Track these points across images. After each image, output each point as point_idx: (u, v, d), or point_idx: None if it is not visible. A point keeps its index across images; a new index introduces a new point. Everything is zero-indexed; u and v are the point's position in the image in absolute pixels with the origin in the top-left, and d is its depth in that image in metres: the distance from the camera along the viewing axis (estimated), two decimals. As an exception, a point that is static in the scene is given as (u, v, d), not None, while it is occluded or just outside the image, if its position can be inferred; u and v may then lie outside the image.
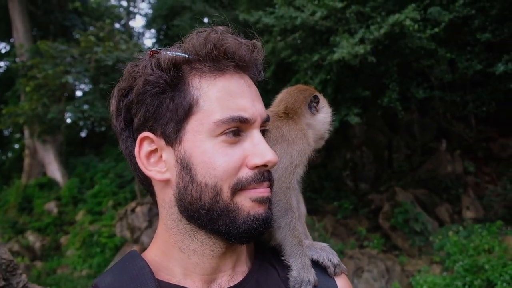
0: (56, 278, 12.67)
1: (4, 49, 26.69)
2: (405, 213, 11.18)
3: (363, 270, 9.63)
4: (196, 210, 1.17)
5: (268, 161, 1.17)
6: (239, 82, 1.21)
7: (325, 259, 1.44)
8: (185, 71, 1.19)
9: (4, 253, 1.94)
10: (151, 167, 1.21)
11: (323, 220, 12.14)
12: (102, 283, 1.20)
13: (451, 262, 9.00)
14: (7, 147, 25.66)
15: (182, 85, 1.18)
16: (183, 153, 1.17)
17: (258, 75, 1.31)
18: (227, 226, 1.16)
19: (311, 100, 1.70)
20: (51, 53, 14.17)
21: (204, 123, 1.15)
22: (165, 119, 1.17)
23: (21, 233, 15.70)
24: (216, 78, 1.19)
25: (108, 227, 14.38)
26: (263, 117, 1.23)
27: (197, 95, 1.17)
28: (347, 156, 14.57)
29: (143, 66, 1.20)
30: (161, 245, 1.28)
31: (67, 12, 20.70)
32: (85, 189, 17.27)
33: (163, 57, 1.18)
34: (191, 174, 1.16)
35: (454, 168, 12.83)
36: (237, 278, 1.28)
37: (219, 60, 1.19)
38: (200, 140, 1.15)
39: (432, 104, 13.52)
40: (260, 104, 1.24)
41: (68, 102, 15.42)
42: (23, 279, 2.01)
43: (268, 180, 1.21)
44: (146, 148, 1.21)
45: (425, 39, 9.40)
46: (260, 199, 1.18)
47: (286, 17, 9.79)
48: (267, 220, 1.20)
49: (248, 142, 1.18)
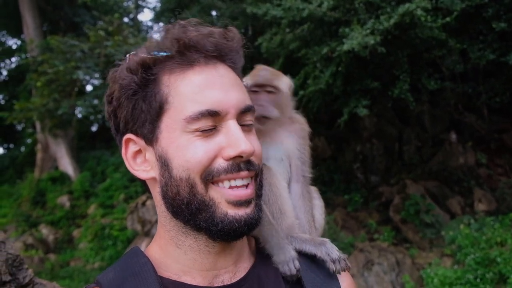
0: (69, 271, 12.88)
1: (15, 44, 26.99)
2: (415, 205, 11.09)
3: (373, 263, 9.59)
4: (177, 205, 1.17)
5: (242, 151, 1.13)
6: (210, 73, 1.18)
7: (323, 253, 1.40)
8: (157, 70, 1.18)
9: (11, 248, 1.97)
10: (137, 167, 1.24)
11: (333, 213, 12.10)
12: (104, 279, 1.20)
13: (462, 255, 8.92)
14: (20, 142, 26.04)
15: (154, 85, 1.18)
16: (161, 150, 1.18)
17: (237, 62, 1.27)
18: (207, 222, 1.15)
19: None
20: (61, 48, 14.28)
21: (176, 120, 1.15)
22: (141, 120, 1.19)
23: (34, 227, 15.97)
24: (185, 72, 1.17)
25: (119, 220, 14.54)
26: (240, 107, 1.18)
27: (167, 92, 1.17)
28: (357, 149, 14.47)
29: (119, 71, 1.22)
30: (159, 242, 1.29)
31: (76, 7, 20.79)
32: (97, 183, 17.48)
33: (131, 60, 1.20)
34: (169, 170, 1.16)
35: (466, 160, 12.66)
36: (240, 274, 1.27)
37: (184, 54, 1.17)
38: (175, 136, 1.16)
39: (443, 95, 13.32)
40: (236, 93, 1.19)
41: (78, 97, 15.54)
42: (29, 274, 2.03)
43: (247, 170, 1.17)
44: (131, 149, 1.24)
45: (436, 29, 9.22)
46: (236, 202, 1.16)
47: (293, 8, 9.69)
48: (251, 221, 1.17)
49: (223, 133, 1.16)
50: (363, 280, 9.32)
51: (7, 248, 1.95)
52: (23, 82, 19.55)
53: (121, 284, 1.17)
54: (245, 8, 11.25)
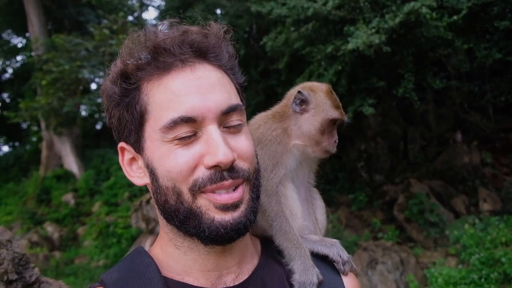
0: (74, 268, 12.94)
1: (20, 43, 27.08)
2: (420, 204, 11.05)
3: (377, 262, 9.57)
4: (168, 212, 1.18)
5: (220, 161, 1.10)
6: (185, 77, 1.14)
7: (335, 254, 1.43)
8: (136, 78, 1.16)
9: (17, 247, 1.98)
10: (133, 173, 1.26)
11: (337, 211, 12.08)
12: (108, 279, 1.21)
13: (467, 254, 8.87)
14: (25, 140, 26.14)
15: (135, 93, 1.17)
16: (147, 159, 1.18)
17: (222, 59, 1.22)
18: (195, 229, 1.15)
19: (295, 96, 1.57)
20: (66, 47, 14.32)
21: (155, 130, 1.14)
22: (128, 130, 1.20)
23: (40, 224, 16.06)
24: (161, 78, 1.15)
25: (123, 218, 14.59)
26: (221, 110, 1.14)
27: (146, 101, 1.15)
28: (362, 147, 14.43)
29: (105, 82, 1.23)
30: (160, 243, 1.30)
31: (81, 6, 20.83)
32: (101, 181, 17.54)
33: (112, 70, 1.20)
34: (156, 179, 1.17)
35: (471, 159, 12.59)
36: (243, 276, 1.27)
37: (158, 59, 1.15)
38: (157, 146, 1.15)
39: (448, 94, 13.25)
40: (216, 95, 1.14)
41: (83, 95, 15.59)
42: (36, 273, 2.05)
43: (231, 178, 1.13)
44: (126, 157, 1.25)
45: (442, 28, 9.17)
46: (223, 207, 1.14)
47: (298, 7, 9.66)
48: (237, 226, 1.15)
49: (204, 140, 1.13)
50: (367, 279, 9.30)
51: (13, 247, 1.96)
52: (28, 80, 19.62)
53: (126, 284, 1.18)
54: (250, 7, 11.23)
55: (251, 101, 12.98)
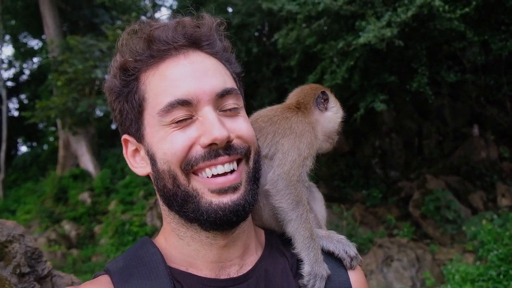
0: (91, 265, 13.14)
1: (37, 45, 27.61)
2: (436, 200, 10.89)
3: (392, 259, 9.48)
4: (167, 197, 1.20)
5: (215, 138, 1.12)
6: (180, 63, 1.18)
7: (341, 251, 1.42)
8: (135, 70, 1.21)
9: (30, 241, 2.03)
10: (136, 164, 1.29)
11: (352, 208, 12.00)
12: (113, 268, 1.23)
13: (485, 251, 8.72)
14: (43, 140, 26.66)
15: (133, 85, 1.21)
16: (147, 146, 1.21)
17: (214, 47, 1.25)
18: (194, 213, 1.16)
19: (318, 95, 1.69)
20: (80, 48, 14.52)
21: (153, 115, 1.17)
22: (129, 120, 1.23)
23: (57, 223, 16.36)
24: (158, 66, 1.19)
25: (139, 216, 14.75)
26: (215, 92, 1.17)
27: (143, 90, 1.19)
28: (376, 144, 14.30)
29: (108, 78, 1.28)
30: (164, 233, 1.31)
31: (95, 7, 21.10)
32: (117, 180, 17.77)
33: (112, 65, 1.24)
34: (155, 164, 1.19)
35: (489, 153, 12.36)
36: (246, 267, 1.27)
37: (153, 49, 1.19)
38: (156, 130, 1.18)
39: (464, 87, 13.02)
40: (210, 79, 1.18)
41: (98, 96, 15.79)
42: (48, 266, 2.09)
43: (227, 155, 1.16)
44: (130, 149, 1.29)
45: (455, 20, 9.00)
46: (219, 190, 1.15)
47: (309, 3, 9.60)
48: (236, 208, 1.16)
49: (200, 122, 1.16)
50: (382, 276, 9.22)
51: (26, 241, 2.01)
52: (45, 82, 19.99)
53: (131, 273, 1.19)
54: (261, 4, 11.20)
55: (264, 99, 12.97)
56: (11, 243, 1.94)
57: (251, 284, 1.24)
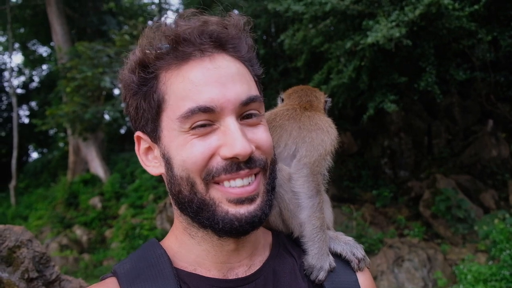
0: (102, 270, 13.21)
1: (46, 52, 27.95)
2: (447, 200, 10.77)
3: (403, 259, 9.39)
4: (182, 202, 1.18)
5: (237, 154, 1.09)
6: (205, 66, 1.13)
7: (348, 253, 1.41)
8: (155, 68, 1.16)
9: (37, 246, 2.04)
10: (148, 163, 1.27)
11: (361, 209, 11.93)
12: (120, 270, 1.23)
13: (497, 250, 8.61)
14: (53, 146, 26.95)
15: (153, 83, 1.17)
16: (164, 149, 1.18)
17: (241, 50, 1.21)
18: (209, 220, 1.15)
19: (325, 101, 1.76)
20: (88, 54, 14.65)
21: (173, 119, 1.13)
22: (144, 119, 1.20)
23: (69, 228, 16.50)
24: (180, 68, 1.14)
25: (149, 220, 14.81)
26: (240, 101, 1.13)
27: (164, 91, 1.15)
28: (385, 144, 14.20)
29: (123, 71, 1.23)
30: (175, 232, 1.31)
31: (102, 14, 21.30)
32: (127, 184, 17.88)
33: (130, 59, 1.20)
34: (171, 168, 1.17)
35: (500, 152, 12.20)
36: (254, 267, 1.27)
37: (177, 49, 1.14)
38: (174, 135, 1.14)
39: (473, 85, 12.88)
40: (236, 86, 1.13)
41: (106, 101, 15.93)
42: (56, 271, 2.10)
43: (248, 168, 1.13)
44: (143, 146, 1.26)
45: (464, 18, 8.91)
46: (236, 200, 1.13)
47: (315, 3, 9.57)
48: (252, 219, 1.14)
49: (221, 132, 1.12)
50: (394, 276, 9.14)
51: (34, 246, 2.02)
52: (54, 88, 20.22)
53: (137, 275, 1.19)
54: (267, 5, 11.19)
55: (271, 101, 12.91)
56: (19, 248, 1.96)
57: (259, 284, 1.23)
